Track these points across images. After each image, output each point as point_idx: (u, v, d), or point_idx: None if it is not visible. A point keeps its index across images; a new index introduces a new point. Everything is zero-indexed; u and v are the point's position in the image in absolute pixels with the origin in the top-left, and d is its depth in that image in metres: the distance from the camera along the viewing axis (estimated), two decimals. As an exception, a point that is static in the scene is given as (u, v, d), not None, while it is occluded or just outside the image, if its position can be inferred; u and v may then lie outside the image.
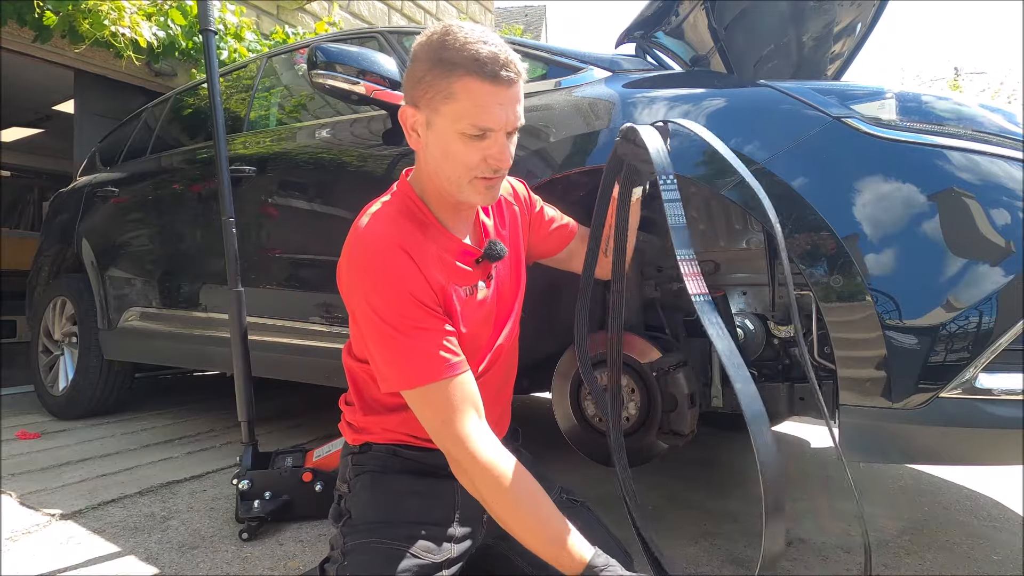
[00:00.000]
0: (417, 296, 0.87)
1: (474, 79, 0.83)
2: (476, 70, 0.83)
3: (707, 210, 1.54)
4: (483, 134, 0.86)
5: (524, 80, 0.89)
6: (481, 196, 0.92)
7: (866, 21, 2.05)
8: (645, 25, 1.80)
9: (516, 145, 0.93)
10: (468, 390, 0.88)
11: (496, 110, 0.85)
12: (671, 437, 1.37)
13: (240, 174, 2.10)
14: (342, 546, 0.97)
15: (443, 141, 0.88)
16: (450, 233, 0.97)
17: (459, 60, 0.83)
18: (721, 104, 1.27)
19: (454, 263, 0.95)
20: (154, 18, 3.88)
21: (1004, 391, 1.02)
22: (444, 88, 0.85)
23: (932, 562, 1.46)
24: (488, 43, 0.84)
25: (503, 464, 0.85)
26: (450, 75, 0.84)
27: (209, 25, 1.85)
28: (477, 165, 0.88)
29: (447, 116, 0.86)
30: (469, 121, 0.85)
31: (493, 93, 0.84)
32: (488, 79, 0.83)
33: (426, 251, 0.91)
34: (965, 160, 1.07)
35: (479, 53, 0.83)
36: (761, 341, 1.50)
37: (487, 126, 0.85)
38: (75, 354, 2.93)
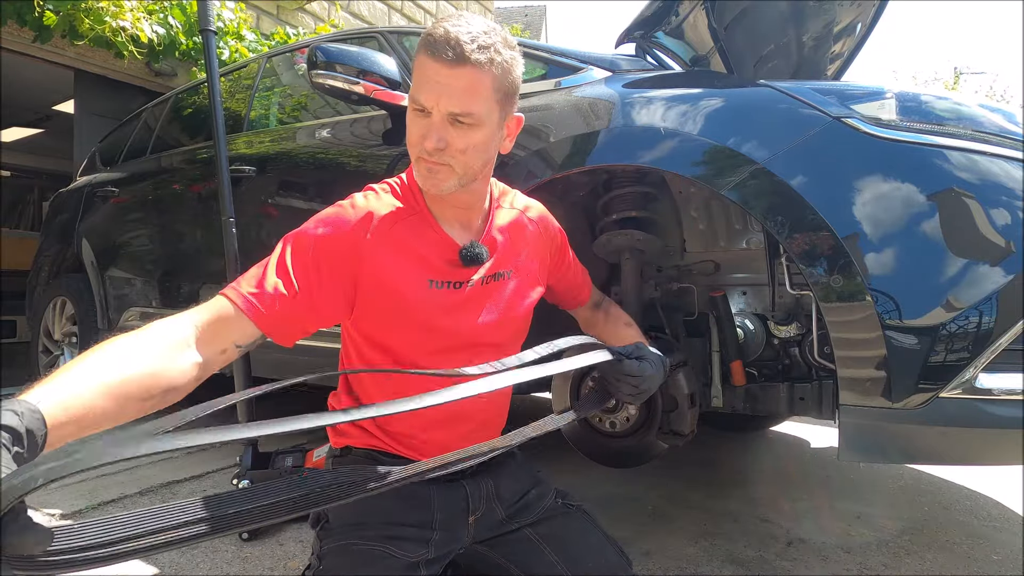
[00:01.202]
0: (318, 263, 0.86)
1: (423, 53, 0.86)
2: (426, 44, 0.85)
3: (707, 210, 1.55)
4: (423, 110, 0.86)
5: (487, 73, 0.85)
6: (423, 179, 0.91)
7: (866, 21, 2.05)
8: (645, 25, 1.80)
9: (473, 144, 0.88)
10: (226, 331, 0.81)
11: (432, 87, 0.85)
12: (671, 437, 1.37)
13: (240, 174, 2.10)
14: (319, 550, 0.96)
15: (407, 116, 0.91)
16: (439, 227, 0.96)
17: (424, 37, 0.86)
18: (721, 104, 1.27)
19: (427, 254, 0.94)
20: (155, 15, 3.89)
21: (1004, 391, 1.02)
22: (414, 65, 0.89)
23: (932, 562, 1.46)
24: (454, 26, 0.84)
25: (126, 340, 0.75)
26: (416, 51, 0.88)
27: (209, 25, 1.85)
28: (416, 142, 0.88)
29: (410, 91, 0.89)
30: (413, 94, 0.87)
31: (434, 70, 0.84)
32: (430, 54, 0.84)
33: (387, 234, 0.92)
34: (965, 160, 1.07)
35: (435, 31, 0.85)
36: (761, 341, 1.50)
37: (422, 102, 0.86)
38: (75, 354, 2.93)
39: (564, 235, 1.15)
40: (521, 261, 1.04)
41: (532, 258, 1.07)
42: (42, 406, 0.56)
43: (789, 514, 1.75)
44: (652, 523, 1.68)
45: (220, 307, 0.82)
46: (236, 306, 0.81)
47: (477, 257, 0.96)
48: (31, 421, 0.54)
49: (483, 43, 0.84)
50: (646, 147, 1.28)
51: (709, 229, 1.56)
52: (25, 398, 0.57)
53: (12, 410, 0.53)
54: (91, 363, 0.66)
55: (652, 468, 2.06)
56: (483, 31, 0.85)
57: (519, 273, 1.04)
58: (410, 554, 0.93)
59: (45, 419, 0.56)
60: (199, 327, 0.79)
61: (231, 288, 0.84)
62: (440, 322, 0.95)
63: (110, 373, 0.66)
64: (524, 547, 1.03)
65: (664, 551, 1.50)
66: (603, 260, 1.58)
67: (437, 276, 0.94)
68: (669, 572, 1.40)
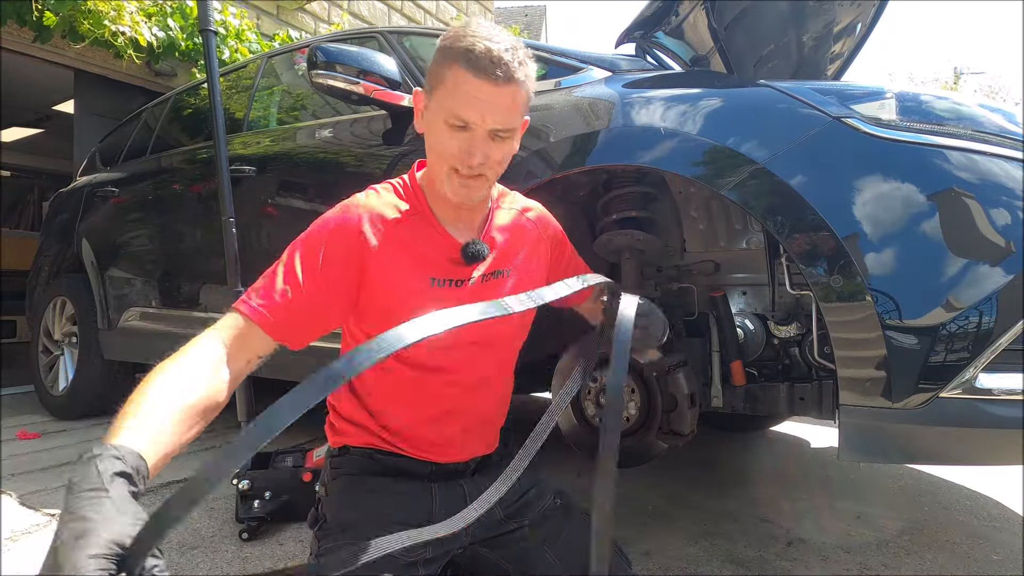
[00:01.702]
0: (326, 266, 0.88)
1: (462, 68, 0.85)
2: (466, 60, 0.85)
3: (707, 210, 1.55)
4: (464, 126, 0.87)
5: (524, 88, 0.89)
6: (454, 192, 0.91)
7: (866, 21, 2.05)
8: (645, 25, 1.80)
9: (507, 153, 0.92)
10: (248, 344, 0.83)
11: (476, 104, 0.86)
12: (671, 437, 1.37)
13: (240, 174, 2.10)
14: (316, 550, 0.96)
15: (433, 125, 0.90)
16: (439, 224, 0.97)
17: (457, 49, 0.86)
18: (721, 104, 1.27)
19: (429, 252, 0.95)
20: (154, 18, 3.89)
21: (1004, 391, 1.02)
22: (440, 73, 0.88)
23: (932, 562, 1.46)
24: (491, 41, 0.85)
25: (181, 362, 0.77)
26: (447, 62, 0.87)
27: (209, 25, 1.85)
28: (453, 156, 0.88)
29: (437, 101, 0.89)
30: (452, 110, 0.87)
31: (477, 86, 0.85)
32: (474, 71, 0.84)
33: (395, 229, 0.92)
34: (965, 160, 1.07)
35: (475, 46, 0.84)
36: (761, 341, 1.50)
37: (465, 118, 0.86)
38: (75, 354, 2.93)
39: (563, 234, 1.16)
40: (520, 261, 1.05)
41: (531, 258, 1.07)
42: (138, 446, 0.60)
43: (789, 514, 1.75)
44: (652, 523, 1.68)
45: (235, 322, 0.83)
46: (249, 319, 0.83)
47: (478, 254, 0.97)
48: (135, 461, 0.58)
49: (520, 59, 0.87)
50: (646, 147, 1.28)
51: (709, 229, 1.56)
52: (119, 441, 0.60)
53: (114, 456, 0.56)
54: (161, 395, 0.70)
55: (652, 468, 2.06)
56: (513, 45, 0.88)
57: (517, 272, 1.04)
58: (408, 554, 0.92)
59: (143, 456, 0.60)
60: (226, 345, 0.81)
61: (242, 301, 0.85)
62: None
63: (179, 402, 0.71)
64: (522, 547, 1.03)
65: (664, 551, 1.50)
66: (603, 260, 1.58)
67: (439, 274, 0.95)
68: (669, 572, 1.40)
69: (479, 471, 1.06)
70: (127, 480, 0.54)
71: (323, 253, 0.88)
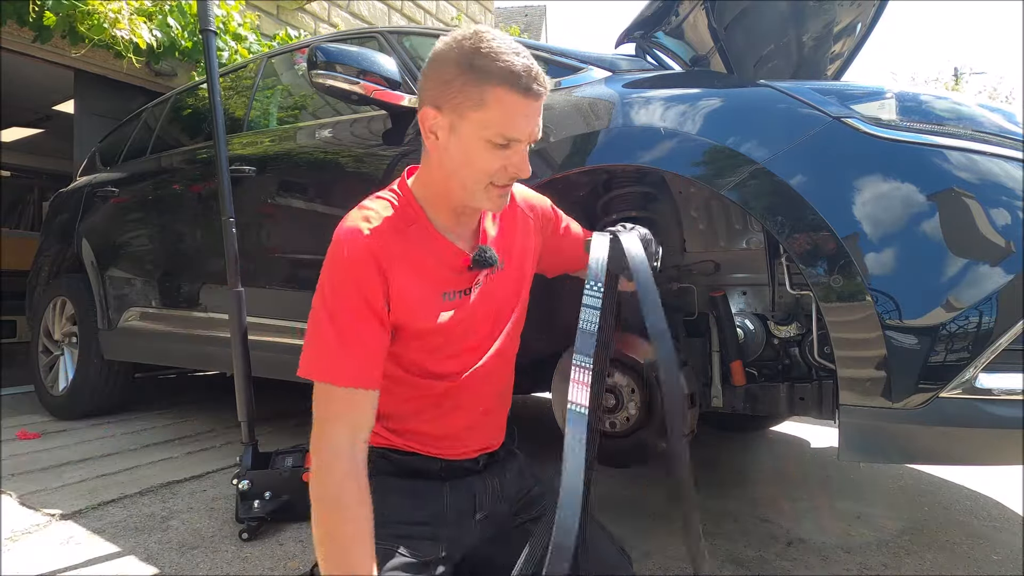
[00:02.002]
0: (369, 302, 0.88)
1: (507, 90, 0.84)
2: (511, 82, 0.84)
3: (707, 210, 1.55)
4: (508, 144, 0.87)
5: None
6: (493, 203, 0.93)
7: (866, 21, 2.05)
8: (645, 25, 1.80)
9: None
10: (363, 408, 0.87)
11: (524, 122, 0.86)
12: (671, 437, 1.37)
13: (240, 174, 2.10)
14: None
15: (466, 146, 0.88)
16: (442, 237, 0.96)
17: (494, 70, 0.84)
18: (721, 104, 1.27)
19: (437, 267, 0.95)
20: (154, 18, 3.88)
21: (1004, 391, 1.02)
22: (475, 95, 0.85)
23: (932, 562, 1.46)
24: (521, 55, 0.86)
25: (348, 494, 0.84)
26: (483, 83, 0.85)
27: (209, 25, 1.85)
28: (496, 172, 0.89)
29: (474, 123, 0.86)
30: (497, 130, 0.85)
31: (524, 105, 0.85)
32: (521, 91, 0.84)
33: (403, 253, 0.91)
34: (965, 160, 1.07)
35: (514, 65, 0.84)
36: (761, 341, 1.50)
37: (514, 137, 0.86)
38: (75, 354, 2.93)
39: (551, 209, 1.17)
40: (515, 249, 1.06)
41: (524, 243, 1.09)
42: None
43: (789, 514, 1.75)
44: (652, 523, 1.68)
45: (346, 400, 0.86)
46: (361, 388, 0.86)
47: (489, 260, 0.98)
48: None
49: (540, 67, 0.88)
50: (646, 147, 1.28)
51: (709, 229, 1.56)
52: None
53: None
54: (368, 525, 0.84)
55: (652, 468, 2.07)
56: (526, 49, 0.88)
57: (514, 260, 1.06)
58: (422, 554, 0.94)
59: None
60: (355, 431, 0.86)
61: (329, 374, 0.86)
62: (454, 330, 0.97)
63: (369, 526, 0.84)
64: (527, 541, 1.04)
65: (664, 551, 1.50)
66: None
67: (449, 287, 0.96)
68: (669, 572, 1.40)
69: (487, 468, 1.07)
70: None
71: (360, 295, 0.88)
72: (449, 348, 0.98)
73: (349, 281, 0.88)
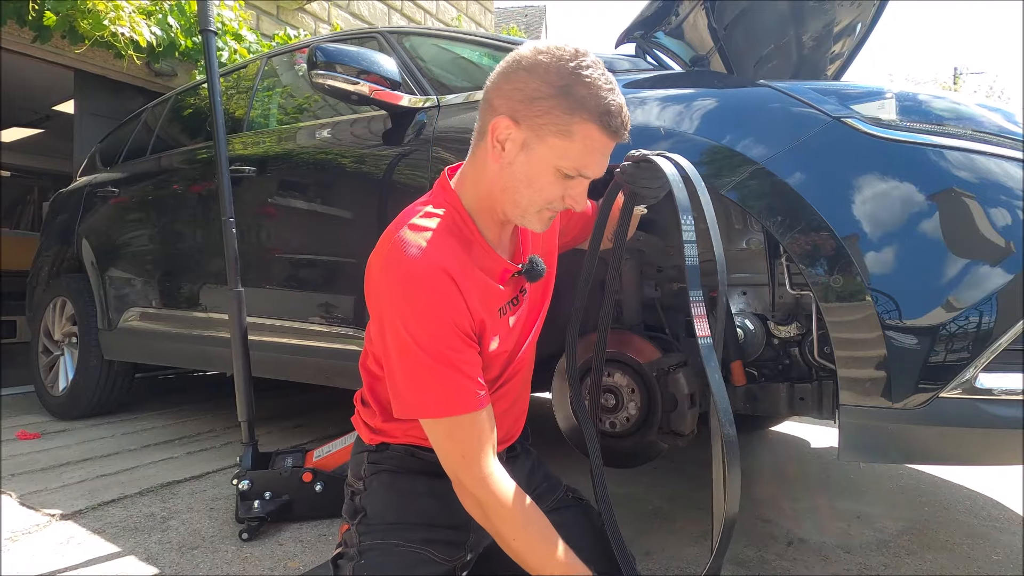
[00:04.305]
0: (459, 325, 0.84)
1: (598, 128, 0.82)
2: (604, 122, 0.81)
3: (707, 210, 1.54)
4: (577, 176, 0.86)
5: None
6: (541, 225, 0.92)
7: (866, 21, 2.05)
8: (645, 25, 1.80)
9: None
10: (489, 425, 0.87)
11: (602, 160, 0.85)
12: (671, 437, 1.37)
13: (240, 174, 2.10)
14: (358, 544, 0.96)
15: (535, 169, 0.85)
16: (494, 252, 0.94)
17: (591, 104, 0.81)
18: (720, 104, 1.27)
19: (494, 284, 0.93)
20: (154, 17, 3.88)
21: (1004, 391, 1.02)
22: (563, 122, 0.82)
23: (932, 562, 1.46)
24: (615, 91, 0.84)
25: (521, 506, 0.87)
26: (575, 113, 0.82)
27: (209, 25, 1.85)
28: (554, 200, 0.87)
29: (553, 149, 0.83)
30: (574, 164, 0.83)
31: (606, 145, 0.84)
32: (611, 132, 0.82)
33: (469, 274, 0.88)
34: (965, 160, 1.07)
35: (612, 105, 0.82)
36: (761, 341, 1.50)
37: (588, 174, 0.85)
38: (75, 354, 2.93)
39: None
40: (549, 246, 1.08)
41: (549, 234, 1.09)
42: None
43: (789, 514, 1.75)
44: (653, 523, 1.68)
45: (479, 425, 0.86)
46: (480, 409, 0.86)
47: (539, 272, 0.97)
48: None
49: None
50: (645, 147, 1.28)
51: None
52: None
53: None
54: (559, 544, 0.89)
55: (652, 468, 2.06)
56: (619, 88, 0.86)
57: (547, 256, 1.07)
58: (448, 558, 0.95)
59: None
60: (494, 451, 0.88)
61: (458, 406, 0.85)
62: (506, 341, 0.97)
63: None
64: None
65: (664, 551, 1.50)
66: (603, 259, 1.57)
67: (502, 301, 0.96)
68: (669, 572, 1.40)
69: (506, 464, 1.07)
70: None
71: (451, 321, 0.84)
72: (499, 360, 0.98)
73: (434, 311, 0.82)
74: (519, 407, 1.10)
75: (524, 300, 1.00)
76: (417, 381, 0.84)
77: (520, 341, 1.02)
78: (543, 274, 0.98)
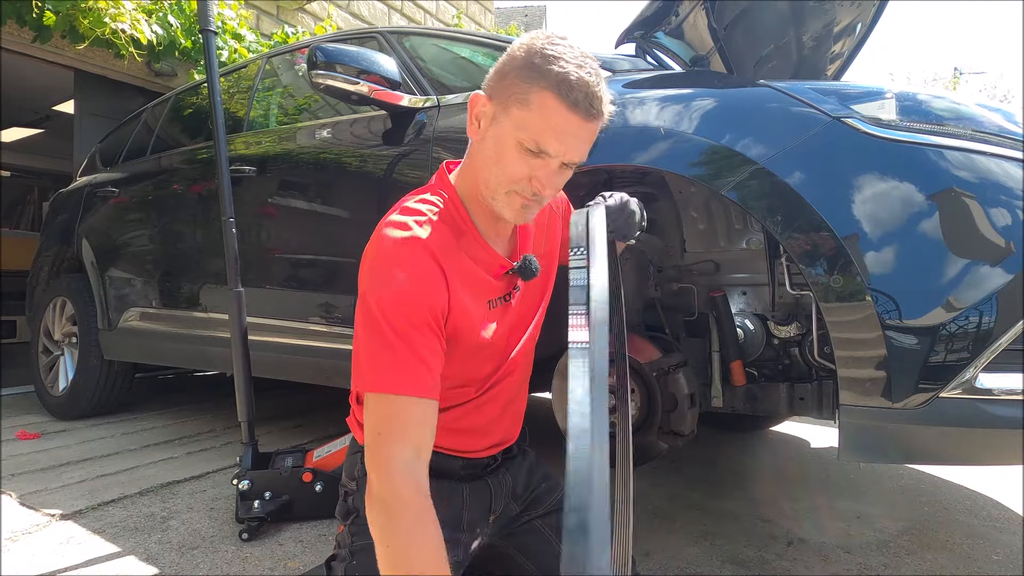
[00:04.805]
0: (432, 308, 0.83)
1: (554, 97, 0.80)
2: (560, 89, 0.80)
3: (707, 210, 1.54)
4: (539, 153, 0.83)
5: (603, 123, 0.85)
6: (512, 212, 0.88)
7: (866, 21, 2.05)
8: (645, 25, 1.80)
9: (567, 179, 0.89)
10: (423, 420, 0.81)
11: (562, 137, 0.82)
12: (671, 437, 1.37)
13: (240, 174, 2.10)
14: (350, 544, 0.96)
15: (499, 142, 0.85)
16: (486, 244, 0.93)
17: (548, 72, 0.80)
18: (720, 104, 1.27)
19: (484, 276, 0.93)
20: (154, 15, 3.89)
21: (1004, 391, 1.02)
22: (523, 91, 0.81)
23: (932, 562, 1.46)
24: (585, 69, 0.81)
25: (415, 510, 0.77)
26: (533, 81, 0.81)
27: (209, 25, 1.85)
28: (519, 180, 0.85)
29: (513, 119, 0.83)
30: (532, 135, 0.82)
31: (567, 119, 0.81)
32: (568, 103, 0.80)
33: (458, 264, 0.88)
34: (965, 160, 1.07)
35: (570, 74, 0.80)
36: (761, 341, 1.50)
37: (546, 148, 0.82)
38: (75, 354, 2.93)
39: (567, 200, 1.16)
40: (549, 246, 1.07)
41: (552, 239, 1.09)
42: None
43: (789, 514, 1.75)
44: (652, 523, 1.68)
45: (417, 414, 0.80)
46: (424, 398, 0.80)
47: (533, 271, 0.96)
48: None
49: (606, 90, 0.83)
50: (646, 147, 1.28)
51: (709, 229, 1.56)
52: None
53: None
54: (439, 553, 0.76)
55: (652, 468, 2.06)
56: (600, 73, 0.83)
57: (547, 259, 1.06)
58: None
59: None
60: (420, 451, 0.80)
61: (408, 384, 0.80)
62: (499, 341, 0.96)
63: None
64: (532, 538, 1.05)
65: (664, 551, 1.50)
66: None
67: (493, 295, 0.95)
68: (669, 572, 1.40)
69: (502, 464, 1.08)
70: None
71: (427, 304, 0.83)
72: (488, 356, 0.97)
73: (412, 291, 0.82)
74: (516, 408, 1.10)
75: (516, 297, 0.99)
76: (374, 352, 0.82)
77: (512, 339, 1.01)
78: (536, 273, 0.96)
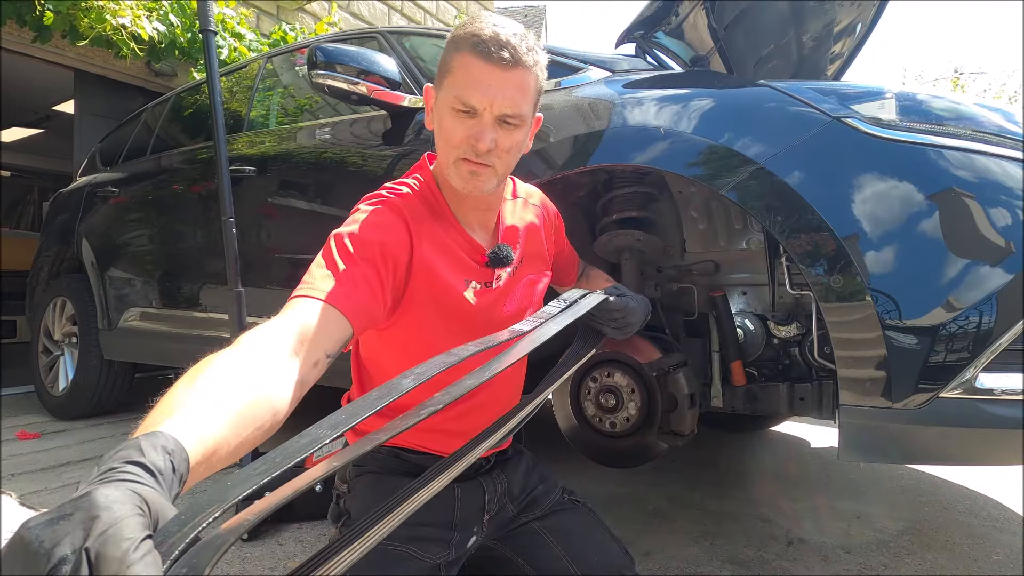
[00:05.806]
0: (384, 248, 0.83)
1: (468, 53, 0.84)
2: (473, 46, 0.84)
3: (707, 210, 1.54)
4: (470, 111, 0.85)
5: (533, 73, 0.87)
6: (463, 181, 0.89)
7: (866, 21, 2.05)
8: (645, 25, 1.80)
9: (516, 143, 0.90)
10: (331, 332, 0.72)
11: (483, 88, 0.84)
12: (671, 437, 1.37)
13: (240, 174, 2.10)
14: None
15: (439, 115, 0.89)
16: (463, 230, 0.96)
17: (465, 38, 0.85)
18: (720, 104, 1.27)
19: (460, 255, 0.95)
20: (155, 13, 3.89)
21: (1004, 391, 1.02)
22: (448, 63, 0.87)
23: (932, 562, 1.46)
24: (499, 26, 0.85)
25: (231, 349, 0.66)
26: (453, 52, 0.86)
27: (209, 25, 1.85)
28: (460, 143, 0.87)
29: (444, 90, 0.88)
30: (456, 94, 0.85)
31: (483, 70, 0.84)
32: (481, 56, 0.84)
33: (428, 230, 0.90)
34: (965, 160, 1.07)
35: (482, 31, 0.84)
36: (761, 341, 1.50)
37: (471, 103, 0.85)
38: (75, 354, 2.93)
39: (560, 216, 1.18)
40: (532, 249, 1.07)
41: (540, 244, 1.09)
42: (186, 444, 0.46)
43: (789, 514, 1.75)
44: (652, 523, 1.68)
45: (304, 310, 0.71)
46: (322, 302, 0.72)
47: (505, 259, 0.98)
48: (180, 463, 0.44)
49: (529, 44, 0.86)
50: (646, 147, 1.28)
51: (709, 229, 1.56)
52: (164, 430, 0.46)
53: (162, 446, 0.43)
54: (212, 391, 0.55)
55: (652, 468, 2.06)
56: (522, 32, 0.87)
57: (531, 261, 1.06)
58: (433, 556, 0.94)
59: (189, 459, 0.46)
60: (292, 339, 0.68)
61: (305, 287, 0.75)
62: (477, 317, 0.96)
63: (233, 403, 0.55)
64: (531, 540, 1.05)
65: (664, 551, 1.50)
66: (603, 260, 1.58)
67: (472, 276, 0.96)
68: (669, 572, 1.40)
69: (496, 466, 1.08)
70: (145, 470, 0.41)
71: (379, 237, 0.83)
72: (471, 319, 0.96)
73: (370, 228, 0.83)
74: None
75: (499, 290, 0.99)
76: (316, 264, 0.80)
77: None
78: (508, 261, 0.98)
